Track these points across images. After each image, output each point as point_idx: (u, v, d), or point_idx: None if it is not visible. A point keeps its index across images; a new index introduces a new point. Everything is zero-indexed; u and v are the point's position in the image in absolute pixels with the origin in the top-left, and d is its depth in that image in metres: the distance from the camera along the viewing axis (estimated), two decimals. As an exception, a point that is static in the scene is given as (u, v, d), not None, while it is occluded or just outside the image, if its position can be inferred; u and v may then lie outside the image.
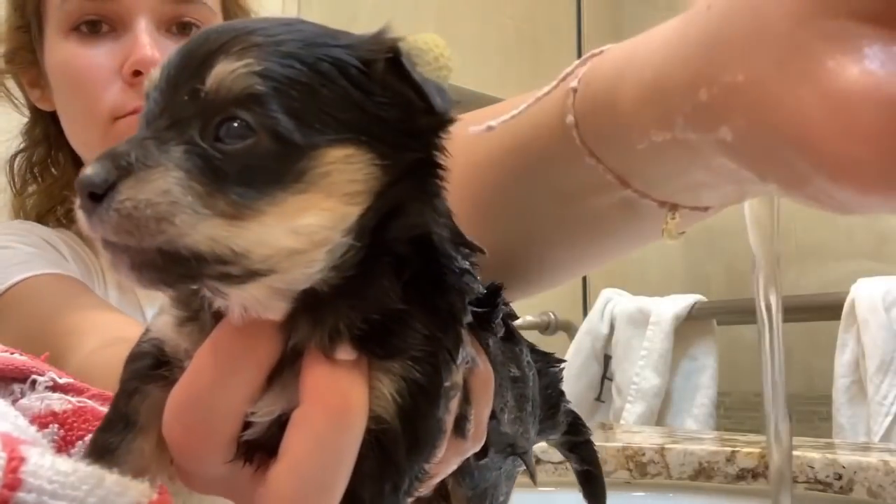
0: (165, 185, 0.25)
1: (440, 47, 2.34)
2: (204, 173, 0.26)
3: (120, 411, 0.32)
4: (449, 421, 0.32)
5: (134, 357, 0.33)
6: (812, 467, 0.64)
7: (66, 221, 0.90)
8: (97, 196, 0.26)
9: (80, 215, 0.27)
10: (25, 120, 0.93)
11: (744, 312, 1.68)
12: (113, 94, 0.80)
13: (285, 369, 0.30)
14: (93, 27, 0.81)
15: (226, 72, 0.27)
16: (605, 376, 1.97)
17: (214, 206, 0.26)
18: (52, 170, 0.92)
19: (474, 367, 0.34)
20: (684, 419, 1.85)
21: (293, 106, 0.26)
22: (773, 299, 0.44)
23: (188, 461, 0.31)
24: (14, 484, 0.22)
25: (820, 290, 1.94)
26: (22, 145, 0.93)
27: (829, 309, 1.65)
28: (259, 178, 0.26)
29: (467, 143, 0.45)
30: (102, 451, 0.30)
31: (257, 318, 0.29)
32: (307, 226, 0.27)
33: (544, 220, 0.48)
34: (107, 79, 0.80)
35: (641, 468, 0.70)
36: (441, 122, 0.30)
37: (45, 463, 0.23)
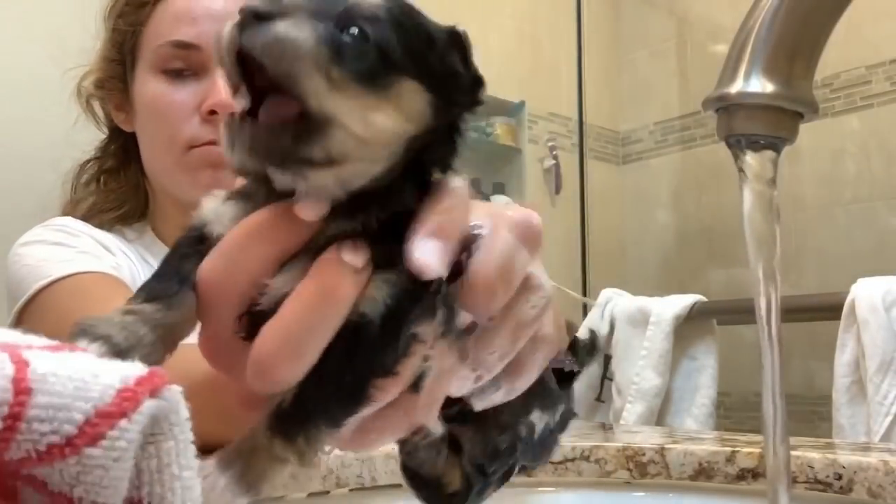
0: (305, 35, 0.33)
1: (440, 47, 2.35)
2: (328, 47, 0.33)
3: (174, 268, 0.36)
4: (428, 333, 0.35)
5: (183, 235, 0.38)
6: (812, 467, 0.63)
7: (112, 225, 1.03)
8: (260, 17, 0.33)
9: (227, 35, 0.33)
10: (101, 136, 1.08)
11: (744, 312, 1.68)
12: (191, 127, 0.94)
13: (304, 260, 0.35)
14: (178, 73, 0.95)
15: None
16: (605, 376, 1.97)
17: (327, 69, 0.33)
18: (118, 178, 1.06)
19: None
20: (684, 419, 1.85)
21: (399, 39, 0.35)
22: (773, 300, 0.45)
23: (208, 311, 0.36)
24: (25, 362, 0.25)
25: (820, 290, 1.95)
26: (97, 155, 1.07)
27: (829, 309, 1.65)
28: (360, 74, 0.33)
29: None
30: (161, 295, 0.35)
31: (297, 210, 0.34)
32: (377, 122, 0.34)
33: None
34: (187, 114, 0.94)
35: (641, 468, 0.70)
36: (473, 102, 0.38)
37: (42, 355, 0.26)
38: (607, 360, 1.97)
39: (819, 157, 2.33)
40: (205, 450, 0.52)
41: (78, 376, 0.27)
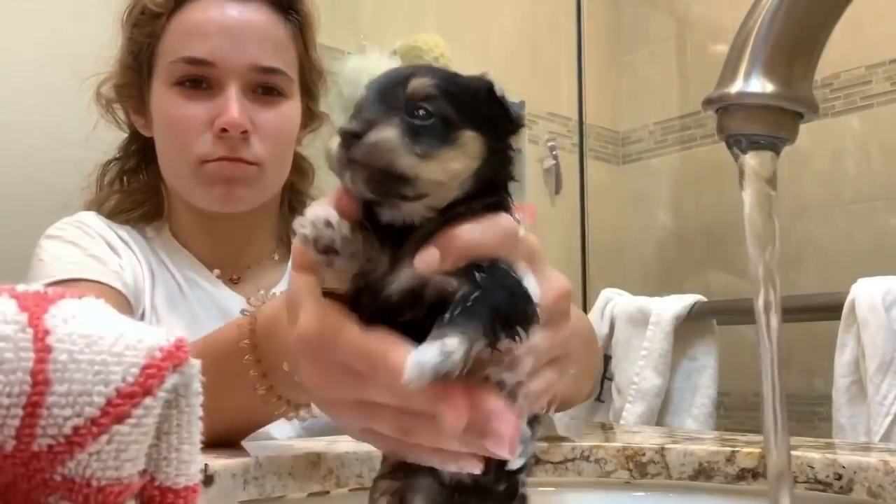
0: (391, 135, 0.45)
1: (440, 47, 2.35)
2: (408, 133, 0.45)
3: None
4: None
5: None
6: (812, 467, 0.63)
7: (134, 223, 1.06)
8: (357, 136, 0.44)
9: (336, 152, 0.45)
10: (121, 137, 1.11)
11: (744, 312, 1.68)
12: (204, 143, 0.96)
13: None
14: (194, 83, 0.96)
15: (418, 84, 0.47)
16: (605, 376, 1.97)
17: (412, 150, 0.45)
18: (138, 178, 1.09)
19: None
20: (684, 419, 1.85)
21: (451, 102, 0.47)
22: (772, 300, 0.45)
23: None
24: (47, 349, 0.27)
25: (820, 290, 1.94)
26: (118, 155, 1.10)
27: (829, 309, 1.65)
28: (435, 139, 0.46)
29: None
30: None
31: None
32: (452, 168, 0.46)
33: None
34: (200, 129, 0.96)
35: (641, 468, 0.70)
36: (517, 126, 0.49)
37: (67, 330, 0.28)
38: (607, 360, 1.97)
39: (819, 157, 2.33)
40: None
41: (100, 359, 0.28)
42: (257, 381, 0.60)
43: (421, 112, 0.46)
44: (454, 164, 0.46)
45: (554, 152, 2.70)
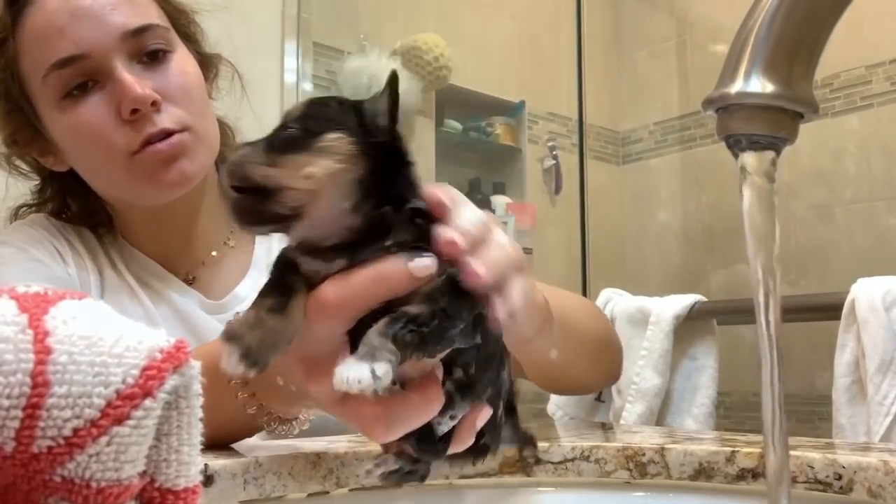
0: (247, 150, 0.47)
1: (440, 47, 2.35)
2: (269, 147, 0.47)
3: (281, 282, 0.48)
4: None
5: (280, 260, 0.50)
6: (812, 467, 0.63)
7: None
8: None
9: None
10: (14, 182, 1.03)
11: (744, 312, 1.68)
12: (122, 136, 0.89)
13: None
14: (82, 88, 0.88)
15: (292, 108, 0.49)
16: (605, 376, 1.97)
17: (265, 159, 0.46)
18: (61, 218, 1.01)
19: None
20: (684, 419, 1.85)
21: (321, 116, 0.48)
22: (772, 300, 0.45)
23: (325, 321, 0.47)
24: (47, 350, 0.27)
25: (820, 290, 1.94)
26: (33, 201, 1.03)
27: (829, 309, 1.65)
28: (293, 149, 0.46)
29: None
30: (276, 307, 0.47)
31: (413, 269, 0.46)
32: (312, 172, 0.46)
33: None
34: (111, 125, 0.88)
35: (641, 468, 0.70)
36: (391, 133, 0.49)
37: (67, 332, 0.28)
38: (607, 360, 1.96)
39: (819, 157, 2.33)
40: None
41: (100, 360, 0.28)
42: (247, 401, 0.61)
43: (288, 130, 0.47)
44: (313, 169, 0.46)
45: (554, 152, 2.70)
